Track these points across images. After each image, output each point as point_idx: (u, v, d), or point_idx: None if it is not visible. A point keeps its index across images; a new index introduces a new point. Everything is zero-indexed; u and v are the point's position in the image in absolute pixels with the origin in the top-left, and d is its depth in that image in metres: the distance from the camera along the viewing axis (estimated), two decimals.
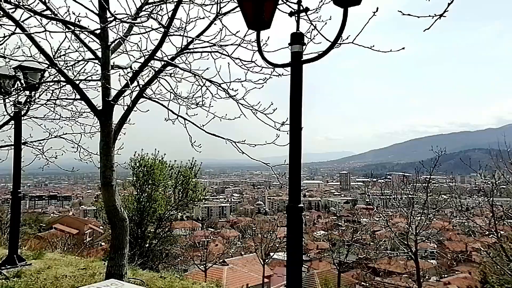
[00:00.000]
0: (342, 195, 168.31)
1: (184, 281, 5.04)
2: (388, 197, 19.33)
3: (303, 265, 46.53)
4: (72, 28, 3.57)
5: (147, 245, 11.19)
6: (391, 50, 3.39)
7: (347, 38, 3.64)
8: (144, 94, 4.53)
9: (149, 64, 4.19)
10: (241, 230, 42.69)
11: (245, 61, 4.13)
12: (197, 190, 12.28)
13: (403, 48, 3.33)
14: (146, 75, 4.82)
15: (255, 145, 5.02)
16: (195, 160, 12.43)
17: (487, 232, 12.56)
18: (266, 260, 20.98)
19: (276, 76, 4.02)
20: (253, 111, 4.72)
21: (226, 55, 4.10)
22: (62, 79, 4.30)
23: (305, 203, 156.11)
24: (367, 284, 21.15)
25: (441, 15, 2.37)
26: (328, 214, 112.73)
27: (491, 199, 11.61)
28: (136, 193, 11.42)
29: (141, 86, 4.35)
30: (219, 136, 4.61)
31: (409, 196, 18.29)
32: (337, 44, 3.54)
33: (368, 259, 22.99)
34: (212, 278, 15.24)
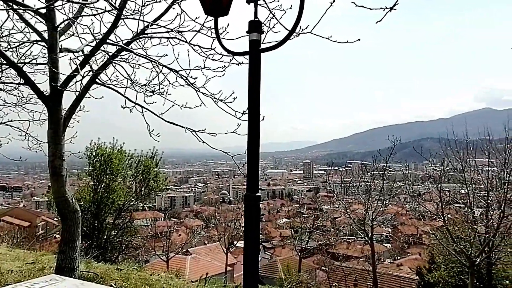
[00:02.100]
0: (305, 184, 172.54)
1: (141, 273, 4.94)
2: (348, 185, 20.07)
3: (267, 253, 47.48)
4: (13, 5, 3.29)
5: (105, 236, 10.82)
6: (347, 41, 3.45)
7: (306, 28, 3.67)
8: (97, 80, 4.31)
9: (103, 49, 3.98)
10: (205, 219, 42.63)
11: (204, 48, 4.04)
12: (159, 180, 12.01)
13: (359, 40, 3.40)
14: (100, 60, 4.59)
15: (216, 134, 4.97)
16: (156, 149, 12.11)
17: (435, 216, 13.43)
18: (230, 249, 21.13)
19: (236, 64, 3.98)
20: (214, 99, 4.66)
21: (184, 41, 3.98)
22: (4, 61, 3.98)
23: (269, 191, 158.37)
24: (327, 269, 21.95)
25: (391, 8, 2.43)
26: (292, 202, 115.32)
27: (440, 185, 12.35)
28: (93, 183, 10.96)
29: (94, 71, 4.13)
30: (178, 125, 4.51)
31: (367, 183, 19.14)
32: (295, 34, 3.58)
33: (328, 244, 23.86)
34: (174, 268, 15.13)
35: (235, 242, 24.03)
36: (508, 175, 11.30)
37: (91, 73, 4.34)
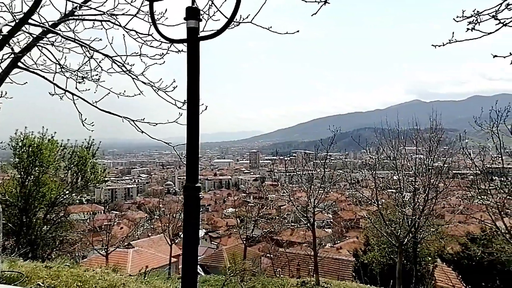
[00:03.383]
0: (252, 173, 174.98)
1: (74, 269, 4.65)
2: (292, 173, 20.70)
3: (213, 242, 47.47)
4: None
5: (36, 232, 10.02)
6: (287, 33, 3.51)
7: (247, 17, 3.66)
8: (20, 64, 3.92)
9: (25, 30, 3.62)
10: (148, 211, 41.45)
11: (141, 33, 3.85)
12: (96, 171, 11.32)
13: (298, 31, 3.48)
14: (24, 42, 4.17)
15: (156, 124, 4.81)
16: (93, 140, 11.36)
17: (371, 201, 14.40)
18: (175, 240, 20.79)
19: (176, 52, 3.85)
20: (154, 88, 4.49)
21: (119, 25, 3.75)
22: None
23: (216, 181, 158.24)
24: (271, 255, 22.59)
25: (325, 1, 2.51)
26: (238, 191, 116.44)
27: (374, 172, 13.20)
28: (19, 176, 10.02)
29: (15, 54, 3.74)
30: (114, 114, 4.28)
31: (310, 172, 19.89)
32: (235, 23, 3.56)
33: (272, 232, 24.52)
34: (114, 262, 14.53)
35: (180, 233, 23.71)
36: (432, 162, 12.40)
37: (12, 55, 3.93)
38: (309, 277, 13.56)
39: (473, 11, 2.42)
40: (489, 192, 10.43)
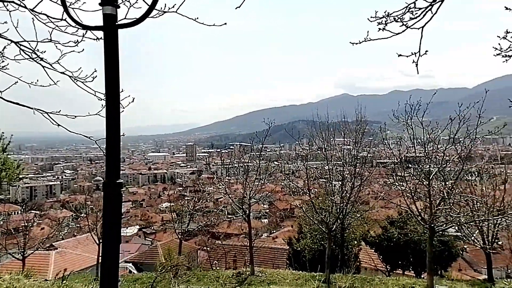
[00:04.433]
0: (189, 167, 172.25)
1: None
2: (228, 166, 20.74)
3: (147, 239, 45.88)
4: None
5: None
6: (214, 24, 3.45)
7: (173, 7, 3.51)
8: None
9: None
10: (74, 209, 38.55)
11: (54, 18, 3.49)
12: (8, 167, 10.13)
13: (225, 24, 3.43)
14: None
15: (75, 116, 4.44)
16: (2, 133, 10.07)
17: (303, 191, 15.04)
18: None
19: (94, 39, 3.56)
20: (72, 78, 4.13)
21: (24, 6, 3.35)
22: None
23: (151, 176, 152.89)
24: (208, 249, 22.53)
25: None
26: (175, 185, 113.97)
27: (306, 163, 13.77)
28: None
29: None
30: (22, 105, 3.84)
31: (246, 164, 20.12)
32: (159, 12, 3.39)
33: (209, 225, 24.43)
34: (33, 267, 13.27)
35: None
36: (357, 152, 13.29)
37: None
38: (245, 268, 13.78)
39: (384, 12, 2.62)
40: (405, 179, 11.53)
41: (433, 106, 13.19)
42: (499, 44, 2.85)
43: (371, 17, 2.66)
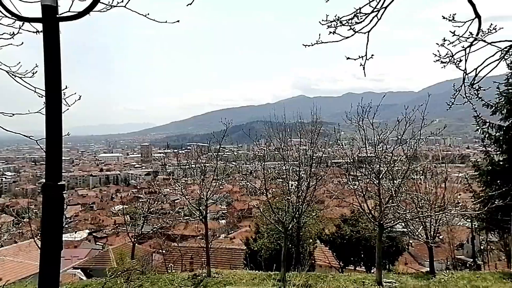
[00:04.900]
0: (144, 167, 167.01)
1: None
2: (185, 166, 20.35)
3: (98, 243, 43.81)
4: None
5: None
6: (166, 21, 3.34)
7: (122, 1, 3.36)
8: None
9: None
10: (14, 214, 35.75)
11: None
12: None
13: (178, 21, 3.34)
14: None
15: (13, 114, 4.12)
16: None
17: (260, 192, 15.15)
18: None
19: (33, 32, 3.30)
20: (10, 74, 3.82)
21: None
22: None
23: (102, 177, 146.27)
24: (164, 251, 21.98)
25: None
26: (129, 187, 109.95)
27: (263, 163, 13.88)
28: None
29: None
30: None
31: (203, 164, 19.88)
32: (107, 6, 3.23)
33: (164, 227, 23.84)
34: None
35: None
36: (313, 152, 13.63)
37: None
38: (201, 270, 13.59)
39: (335, 16, 2.70)
40: (358, 178, 12.02)
41: (383, 108, 13.90)
42: (438, 51, 3.04)
43: (322, 20, 2.73)
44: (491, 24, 2.89)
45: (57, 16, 2.42)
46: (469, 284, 10.62)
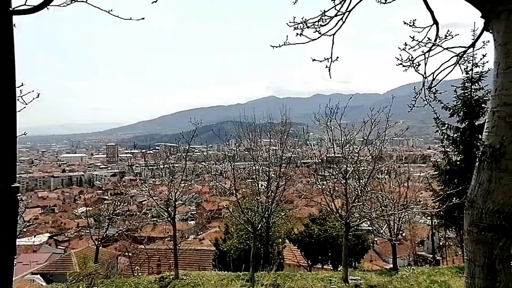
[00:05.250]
0: (110, 168, 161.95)
1: None
2: (153, 167, 19.90)
3: (59, 247, 41.93)
4: None
5: None
6: (131, 18, 3.25)
7: None
8: None
9: None
10: None
11: None
12: None
13: (143, 18, 3.26)
14: None
15: None
16: None
17: (230, 192, 15.09)
18: None
19: None
20: None
21: None
22: None
23: (65, 178, 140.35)
24: (130, 254, 21.39)
25: None
26: (93, 188, 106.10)
27: (233, 164, 13.84)
28: None
29: None
30: None
31: (172, 165, 19.52)
32: (67, 1, 3.10)
33: (130, 229, 23.17)
34: None
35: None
36: (283, 153, 13.75)
37: None
38: (169, 272, 13.34)
39: (302, 18, 2.74)
40: (326, 178, 12.26)
41: (350, 109, 14.25)
42: (400, 55, 3.16)
43: (290, 22, 2.76)
44: (448, 30, 3.05)
45: (10, 9, 2.28)
46: (429, 279, 11.14)
